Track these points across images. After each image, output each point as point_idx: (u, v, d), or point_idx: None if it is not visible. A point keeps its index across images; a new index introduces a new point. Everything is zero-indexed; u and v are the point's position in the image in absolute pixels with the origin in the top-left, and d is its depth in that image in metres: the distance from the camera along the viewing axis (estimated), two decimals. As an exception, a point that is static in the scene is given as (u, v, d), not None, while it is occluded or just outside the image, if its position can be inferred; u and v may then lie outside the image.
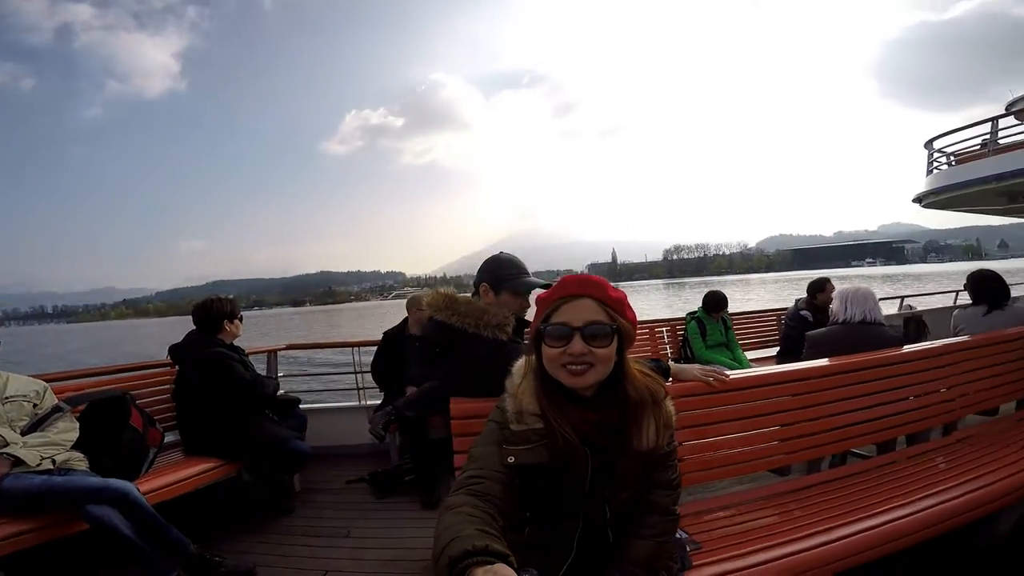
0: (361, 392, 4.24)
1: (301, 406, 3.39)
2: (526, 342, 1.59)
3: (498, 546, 0.80)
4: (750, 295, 44.13)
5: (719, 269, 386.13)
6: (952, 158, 7.76)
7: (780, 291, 47.65)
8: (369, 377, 3.94)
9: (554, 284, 1.21)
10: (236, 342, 3.10)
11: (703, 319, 4.82)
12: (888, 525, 1.70)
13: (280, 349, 4.39)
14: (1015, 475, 1.99)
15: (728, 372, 2.01)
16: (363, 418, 3.90)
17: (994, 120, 6.99)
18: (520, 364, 1.25)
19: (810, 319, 4.55)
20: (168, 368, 3.15)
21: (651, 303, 43.38)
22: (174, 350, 2.95)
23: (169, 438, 2.80)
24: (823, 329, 2.90)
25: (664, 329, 5.13)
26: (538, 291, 1.32)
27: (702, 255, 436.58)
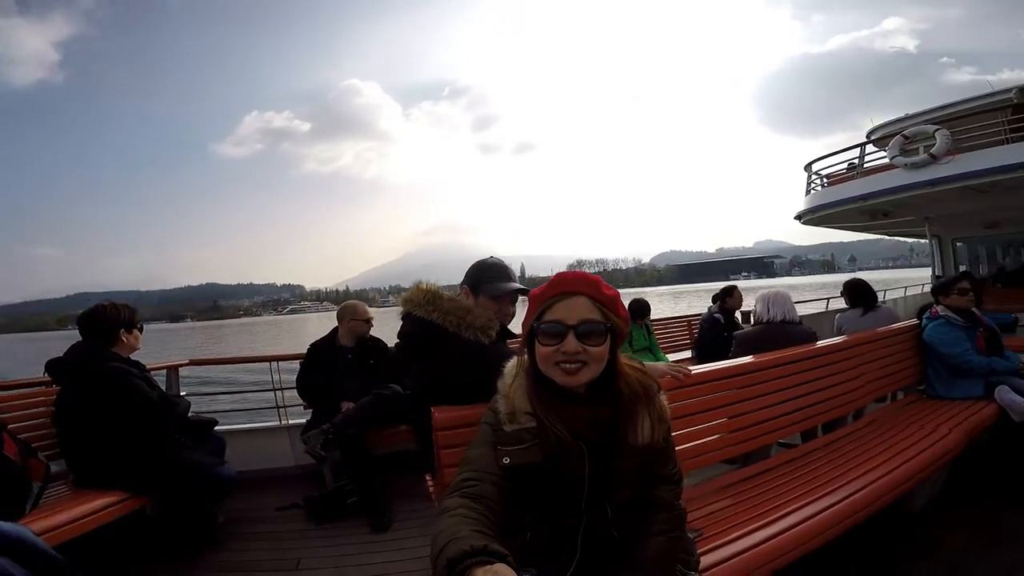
0: (282, 411, 3.85)
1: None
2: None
3: (496, 546, 0.79)
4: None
5: (616, 283, 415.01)
6: (825, 180, 8.92)
7: (672, 302, 51.35)
8: (291, 394, 3.63)
9: (548, 282, 1.19)
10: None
11: (631, 326, 5.03)
12: (836, 506, 1.81)
13: (182, 364, 3.90)
14: (922, 453, 2.26)
15: (691, 368, 2.07)
16: (285, 439, 3.62)
17: (862, 146, 8.18)
18: (512, 364, 1.23)
19: (722, 321, 5.04)
20: (43, 387, 2.63)
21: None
22: (54, 366, 2.44)
23: (55, 468, 2.31)
24: (750, 328, 3.15)
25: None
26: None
27: (602, 269, 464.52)
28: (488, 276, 1.76)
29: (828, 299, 9.06)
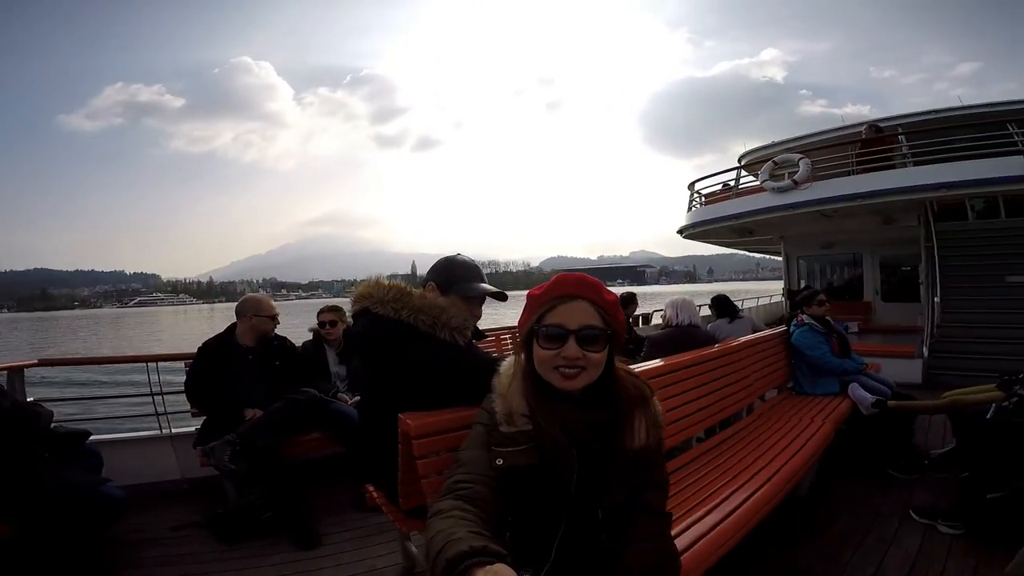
0: (163, 418, 3.34)
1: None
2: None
3: (495, 546, 0.79)
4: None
5: (505, 285, 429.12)
6: (704, 198, 9.93)
7: None
8: (174, 399, 3.21)
9: (550, 282, 1.18)
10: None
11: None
12: (753, 496, 1.96)
13: (28, 365, 3.24)
14: (808, 442, 2.59)
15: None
16: (169, 450, 3.18)
17: (738, 170, 9.22)
18: (508, 364, 1.21)
19: None
20: None
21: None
22: None
23: None
24: (662, 332, 3.39)
25: (506, 338, 5.34)
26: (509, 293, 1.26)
27: (493, 271, 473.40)
28: (462, 275, 1.66)
29: (700, 306, 10.46)
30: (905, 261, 9.54)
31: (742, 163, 10.36)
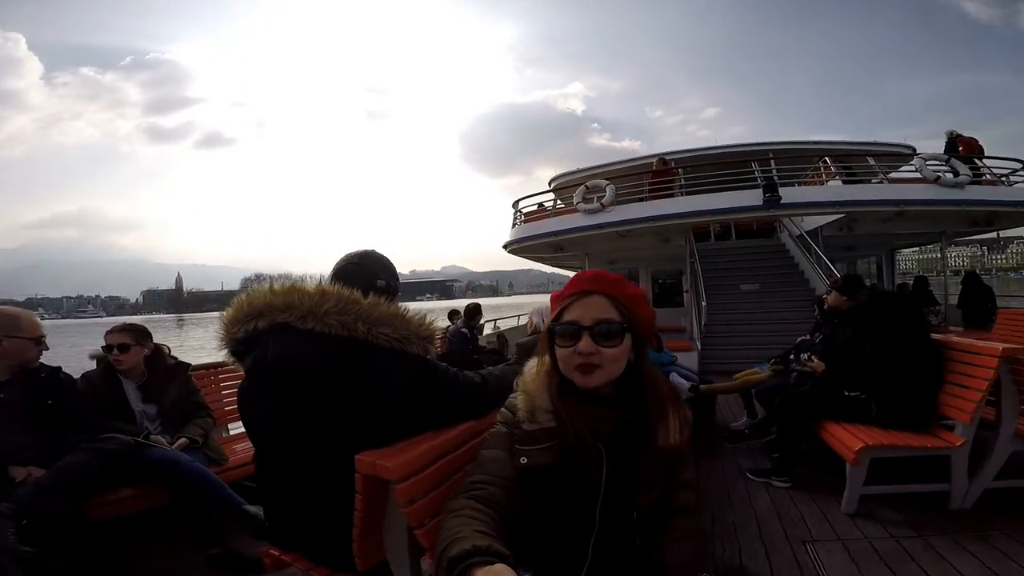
0: None
1: None
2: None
3: (499, 546, 0.79)
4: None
5: None
6: (524, 216, 10.73)
7: None
8: None
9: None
10: None
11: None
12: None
13: None
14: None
15: None
16: None
17: (555, 191, 10.17)
18: (533, 362, 1.18)
19: (469, 335, 5.51)
20: None
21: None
22: None
23: None
24: (530, 338, 3.48)
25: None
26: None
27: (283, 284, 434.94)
28: (397, 276, 1.42)
29: (518, 316, 11.37)
30: (667, 275, 11.90)
31: (552, 186, 11.52)
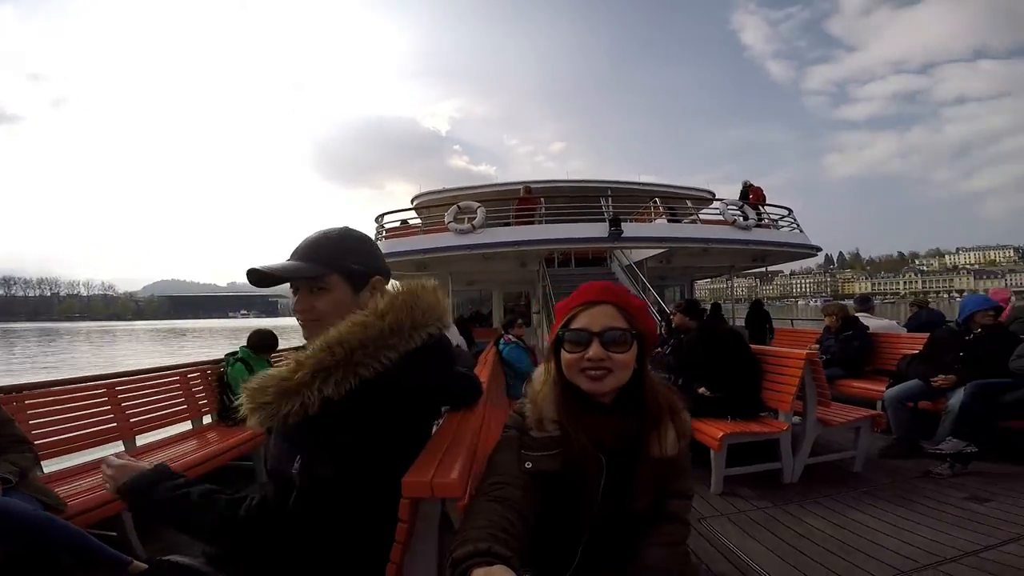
0: None
1: None
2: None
3: (500, 548, 0.82)
4: (119, 348, 35.24)
5: (68, 312, 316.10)
6: (387, 232, 10.43)
7: (159, 344, 39.54)
8: None
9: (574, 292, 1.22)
10: None
11: (250, 360, 4.30)
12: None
13: None
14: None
15: None
16: None
17: (416, 208, 10.10)
18: (540, 370, 1.21)
19: None
20: None
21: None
22: None
23: None
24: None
25: (195, 375, 4.12)
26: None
27: (47, 293, 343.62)
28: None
29: None
30: (515, 297, 12.73)
31: (414, 204, 11.48)
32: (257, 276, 1.11)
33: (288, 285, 1.18)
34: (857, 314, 5.64)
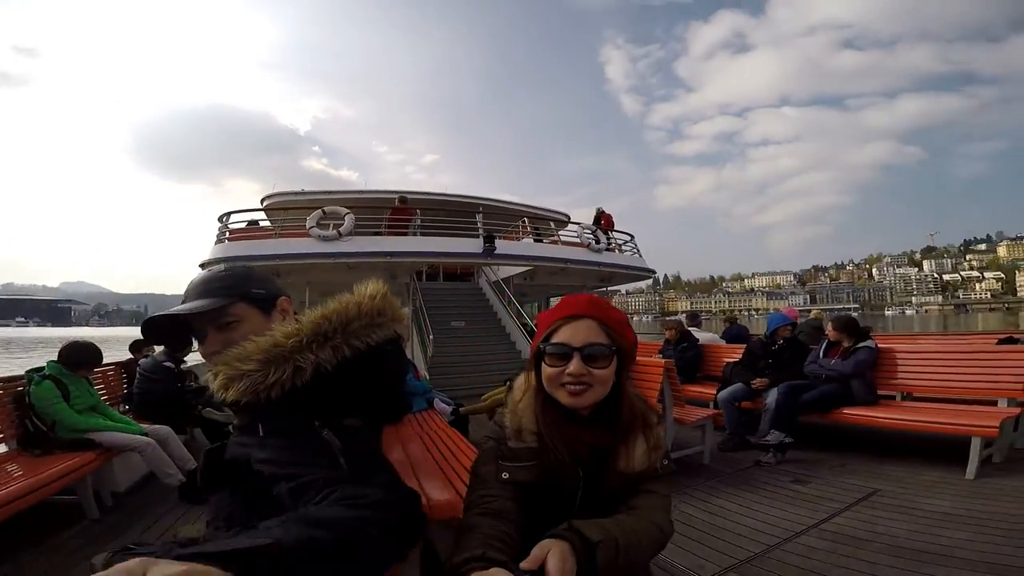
0: None
1: None
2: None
3: (494, 553, 0.86)
4: None
5: None
6: (231, 233, 9.20)
7: None
8: None
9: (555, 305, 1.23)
10: None
11: (63, 378, 3.47)
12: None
13: None
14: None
15: None
16: None
17: (267, 209, 9.09)
18: (520, 381, 1.21)
19: (175, 369, 4.67)
20: None
21: None
22: None
23: None
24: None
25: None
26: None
27: None
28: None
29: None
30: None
31: (264, 204, 10.39)
32: (152, 327, 1.06)
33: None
34: (689, 328, 6.57)
